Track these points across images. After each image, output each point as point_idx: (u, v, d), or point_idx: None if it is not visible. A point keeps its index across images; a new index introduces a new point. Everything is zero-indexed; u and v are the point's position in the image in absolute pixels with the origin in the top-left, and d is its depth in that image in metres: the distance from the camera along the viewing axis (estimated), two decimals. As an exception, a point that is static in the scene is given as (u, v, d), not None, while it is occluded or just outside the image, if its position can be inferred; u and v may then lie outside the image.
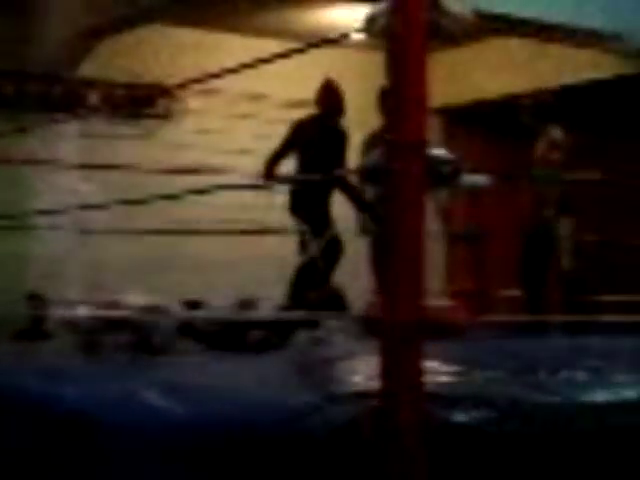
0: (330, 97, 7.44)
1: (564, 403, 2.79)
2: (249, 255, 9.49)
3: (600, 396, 2.92)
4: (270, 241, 8.97)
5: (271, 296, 7.88)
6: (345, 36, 3.21)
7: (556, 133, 7.35)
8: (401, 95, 2.49)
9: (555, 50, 9.17)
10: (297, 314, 5.76)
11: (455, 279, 10.17)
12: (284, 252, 9.09)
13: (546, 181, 7.24)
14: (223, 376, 3.29)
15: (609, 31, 8.80)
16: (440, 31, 2.75)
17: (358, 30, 2.85)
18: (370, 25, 2.80)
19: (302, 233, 7.30)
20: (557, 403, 2.77)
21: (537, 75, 9.88)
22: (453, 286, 9.78)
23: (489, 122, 10.00)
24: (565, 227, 7.20)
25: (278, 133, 10.07)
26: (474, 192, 9.43)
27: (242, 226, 8.70)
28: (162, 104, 10.11)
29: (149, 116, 10.00)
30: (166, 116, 10.07)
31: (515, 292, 7.87)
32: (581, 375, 3.28)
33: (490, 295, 9.15)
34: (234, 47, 9.68)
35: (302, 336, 5.69)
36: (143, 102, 10.05)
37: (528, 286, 7.37)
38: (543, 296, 7.40)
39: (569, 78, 9.83)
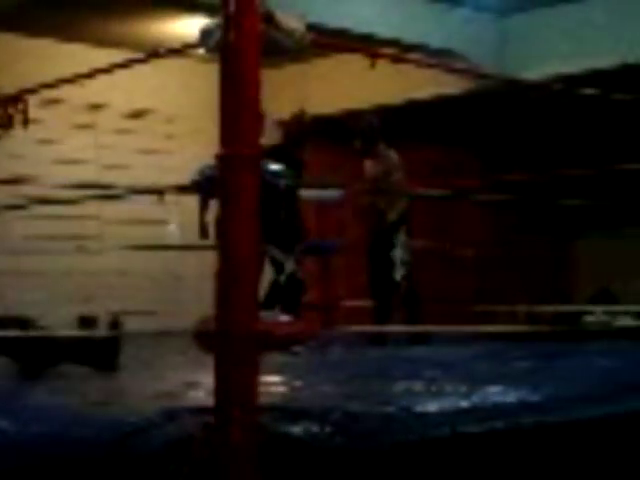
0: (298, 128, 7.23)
1: (398, 414, 2.83)
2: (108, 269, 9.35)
3: (432, 406, 2.98)
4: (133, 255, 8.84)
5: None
6: (185, 48, 3.19)
7: (387, 153, 7.51)
8: (235, 109, 2.48)
9: (399, 66, 9.38)
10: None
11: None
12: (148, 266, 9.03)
13: (392, 194, 7.39)
14: (56, 393, 3.21)
15: (439, 47, 9.04)
16: (275, 46, 2.76)
17: (194, 44, 2.83)
18: (206, 39, 2.79)
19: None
20: (390, 414, 2.81)
21: (377, 90, 10.10)
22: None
23: (335, 136, 10.15)
24: (399, 240, 7.35)
25: (119, 143, 9.98)
26: (325, 205, 9.53)
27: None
28: (4, 113, 9.84)
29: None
30: (5, 126, 9.78)
31: (365, 303, 7.97)
32: (417, 385, 3.35)
33: (339, 307, 9.25)
34: (78, 57, 9.49)
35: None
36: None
37: (375, 297, 7.50)
38: (390, 307, 7.52)
39: (414, 93, 10.09)
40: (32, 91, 3.98)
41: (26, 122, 9.73)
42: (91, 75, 3.64)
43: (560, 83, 7.03)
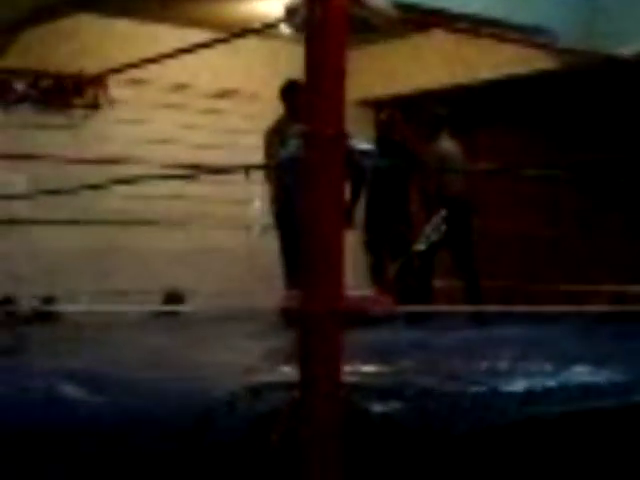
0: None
1: (482, 392, 2.82)
2: (194, 247, 9.49)
3: (519, 385, 2.96)
4: (218, 234, 8.95)
5: (206, 290, 7.85)
6: (266, 27, 3.20)
7: (445, 143, 7.65)
8: (321, 87, 2.49)
9: (479, 44, 9.26)
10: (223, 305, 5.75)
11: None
12: (231, 245, 9.12)
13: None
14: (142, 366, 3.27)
15: (531, 25, 8.90)
16: (362, 24, 2.75)
17: (278, 21, 2.84)
18: (291, 16, 2.79)
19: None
20: (475, 392, 2.80)
21: (461, 69, 10.02)
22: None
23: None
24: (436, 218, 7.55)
25: (203, 123, 10.09)
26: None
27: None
28: (90, 94, 10.00)
29: (77, 106, 9.88)
30: (94, 106, 9.95)
31: (446, 282, 7.98)
32: (501, 364, 3.33)
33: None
34: (162, 37, 9.60)
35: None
36: (71, 92, 9.91)
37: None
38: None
39: (488, 73, 9.98)
40: (116, 71, 3.99)
41: (111, 102, 9.90)
42: (175, 55, 3.66)
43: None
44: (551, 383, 3.02)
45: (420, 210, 7.86)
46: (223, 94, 10.21)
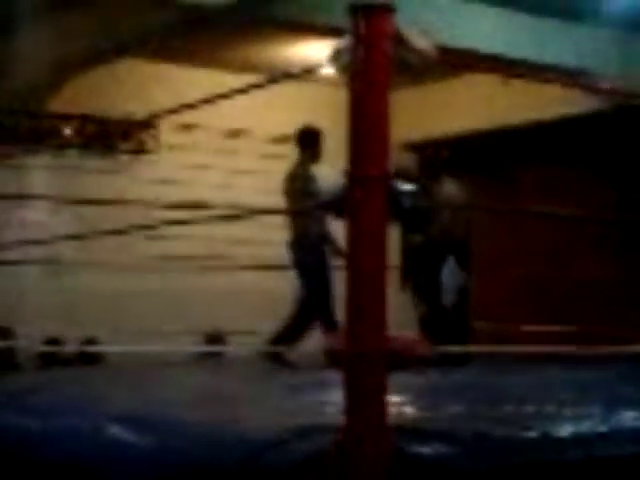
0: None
1: (532, 437, 2.79)
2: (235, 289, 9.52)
3: (566, 429, 2.92)
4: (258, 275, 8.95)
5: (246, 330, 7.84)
6: (309, 71, 3.22)
7: (441, 188, 7.59)
8: (365, 129, 2.50)
9: (521, 86, 9.27)
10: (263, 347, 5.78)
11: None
12: (267, 287, 9.13)
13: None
14: (191, 409, 3.27)
15: (573, 67, 8.90)
16: (405, 66, 2.76)
17: (323, 64, 2.85)
18: (336, 59, 2.81)
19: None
20: (524, 437, 2.77)
21: (496, 111, 10.07)
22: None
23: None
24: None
25: (252, 168, 10.17)
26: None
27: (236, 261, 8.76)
28: (136, 139, 10.13)
29: (123, 151, 10.00)
30: (141, 151, 10.07)
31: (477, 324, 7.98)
32: (548, 408, 3.29)
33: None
34: (206, 82, 9.71)
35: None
36: (117, 136, 10.04)
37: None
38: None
39: (535, 114, 9.98)
40: (163, 114, 4.03)
41: (157, 147, 10.01)
42: (220, 97, 3.70)
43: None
44: (602, 427, 2.98)
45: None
46: (280, 139, 10.26)
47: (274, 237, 7.61)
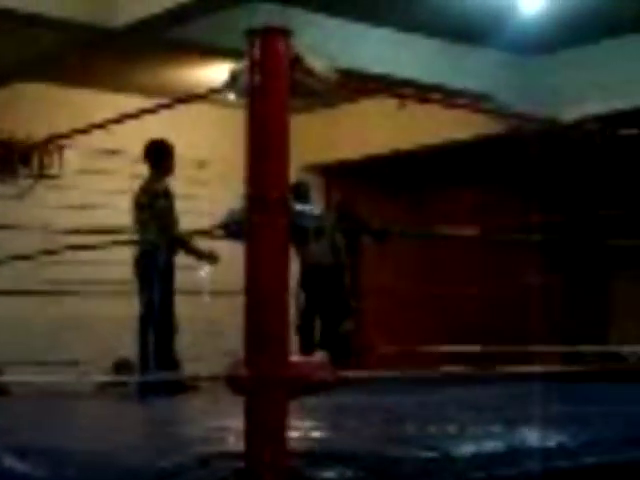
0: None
1: (433, 457, 2.79)
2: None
3: (467, 449, 2.93)
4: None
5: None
6: (210, 92, 3.20)
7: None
8: (262, 151, 2.49)
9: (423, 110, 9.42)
10: (165, 375, 5.72)
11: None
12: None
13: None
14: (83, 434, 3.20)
15: (477, 91, 9.07)
16: (305, 90, 2.76)
17: (220, 88, 2.83)
18: (234, 82, 2.79)
19: None
20: (426, 457, 2.77)
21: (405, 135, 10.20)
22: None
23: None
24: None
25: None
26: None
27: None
28: (36, 163, 9.95)
29: (23, 175, 9.82)
30: (40, 175, 9.89)
31: (400, 347, 8.06)
32: (450, 428, 3.30)
33: (374, 351, 9.32)
34: (110, 106, 9.61)
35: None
36: (17, 160, 9.85)
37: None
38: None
39: (429, 138, 10.13)
40: (57, 137, 3.96)
41: (59, 171, 9.84)
42: (116, 121, 3.65)
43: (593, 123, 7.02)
44: (501, 446, 3.00)
45: None
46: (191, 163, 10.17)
47: (188, 261, 7.54)
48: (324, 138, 11.18)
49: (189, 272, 8.50)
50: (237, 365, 2.46)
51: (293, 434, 2.44)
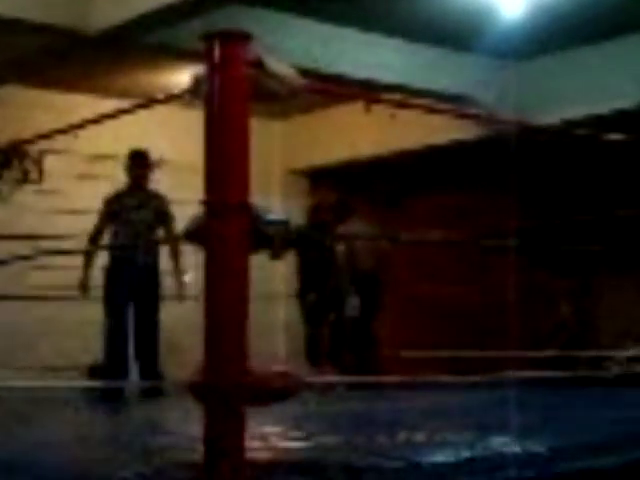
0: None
1: (401, 466, 2.75)
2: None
3: (439, 457, 2.90)
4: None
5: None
6: (172, 97, 3.16)
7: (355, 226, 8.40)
8: (222, 156, 2.45)
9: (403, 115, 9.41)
10: (136, 383, 5.69)
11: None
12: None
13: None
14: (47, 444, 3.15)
15: (458, 95, 9.03)
16: (265, 91, 2.71)
17: (183, 92, 2.79)
18: (196, 87, 2.74)
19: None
20: (390, 467, 2.73)
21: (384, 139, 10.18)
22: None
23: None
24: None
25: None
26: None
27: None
28: (17, 167, 9.87)
29: (4, 179, 9.75)
30: (22, 180, 9.82)
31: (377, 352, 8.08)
32: (418, 436, 3.27)
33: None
34: (89, 109, 9.53)
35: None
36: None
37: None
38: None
39: (411, 143, 10.10)
40: (29, 142, 3.92)
41: (40, 175, 9.77)
42: (83, 126, 3.61)
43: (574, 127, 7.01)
44: (471, 454, 2.96)
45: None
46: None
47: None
48: (309, 143, 11.16)
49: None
50: (198, 372, 2.42)
51: (255, 443, 2.40)
